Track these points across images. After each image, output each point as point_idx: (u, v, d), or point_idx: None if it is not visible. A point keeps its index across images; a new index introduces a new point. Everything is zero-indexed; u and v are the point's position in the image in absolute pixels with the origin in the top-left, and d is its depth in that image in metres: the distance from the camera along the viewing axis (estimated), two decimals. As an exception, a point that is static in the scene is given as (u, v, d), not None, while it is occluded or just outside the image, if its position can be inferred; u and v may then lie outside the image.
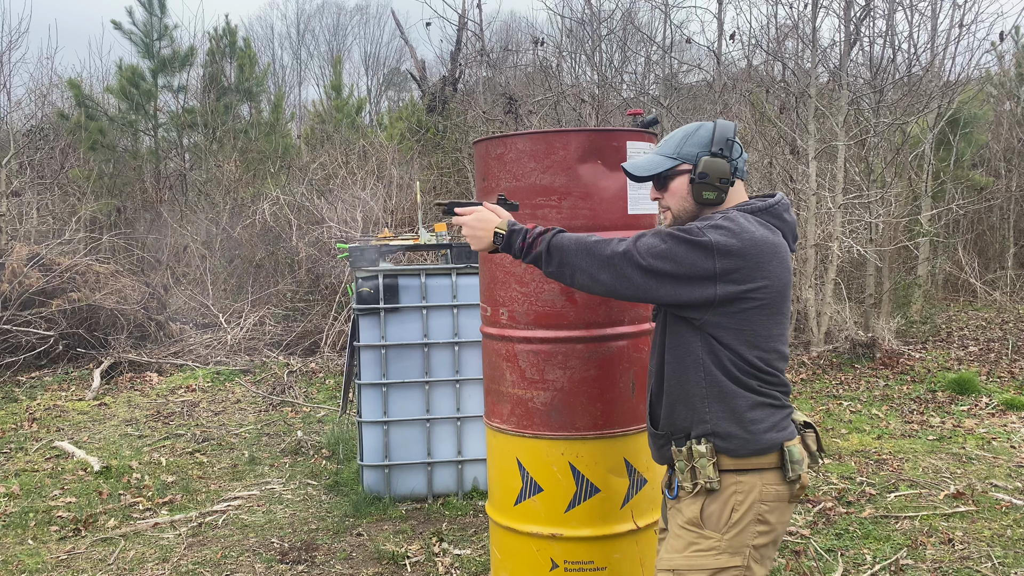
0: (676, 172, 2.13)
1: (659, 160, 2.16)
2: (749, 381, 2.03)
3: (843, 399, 6.79)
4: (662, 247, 1.99)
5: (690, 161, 2.11)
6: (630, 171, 2.19)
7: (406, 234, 5.44)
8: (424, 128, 12.28)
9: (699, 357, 2.04)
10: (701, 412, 2.04)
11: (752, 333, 2.01)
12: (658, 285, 2.00)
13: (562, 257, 2.08)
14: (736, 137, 2.12)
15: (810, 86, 8.36)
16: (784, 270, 2.04)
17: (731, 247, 1.96)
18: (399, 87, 25.83)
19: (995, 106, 13.43)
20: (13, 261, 8.24)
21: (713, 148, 2.08)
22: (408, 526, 4.31)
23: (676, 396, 2.09)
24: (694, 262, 1.96)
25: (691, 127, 2.15)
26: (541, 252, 2.11)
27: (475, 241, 2.22)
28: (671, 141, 2.16)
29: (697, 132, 2.13)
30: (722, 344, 2.02)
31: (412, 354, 4.64)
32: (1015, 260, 12.30)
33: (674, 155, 2.13)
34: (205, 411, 6.80)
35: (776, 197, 2.13)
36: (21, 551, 4.08)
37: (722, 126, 2.10)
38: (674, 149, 2.14)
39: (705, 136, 2.11)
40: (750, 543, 2.02)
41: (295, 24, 32.94)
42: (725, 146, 2.08)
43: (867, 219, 8.65)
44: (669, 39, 11.69)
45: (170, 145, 12.97)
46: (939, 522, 4.18)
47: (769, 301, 2.01)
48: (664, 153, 2.16)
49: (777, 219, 2.09)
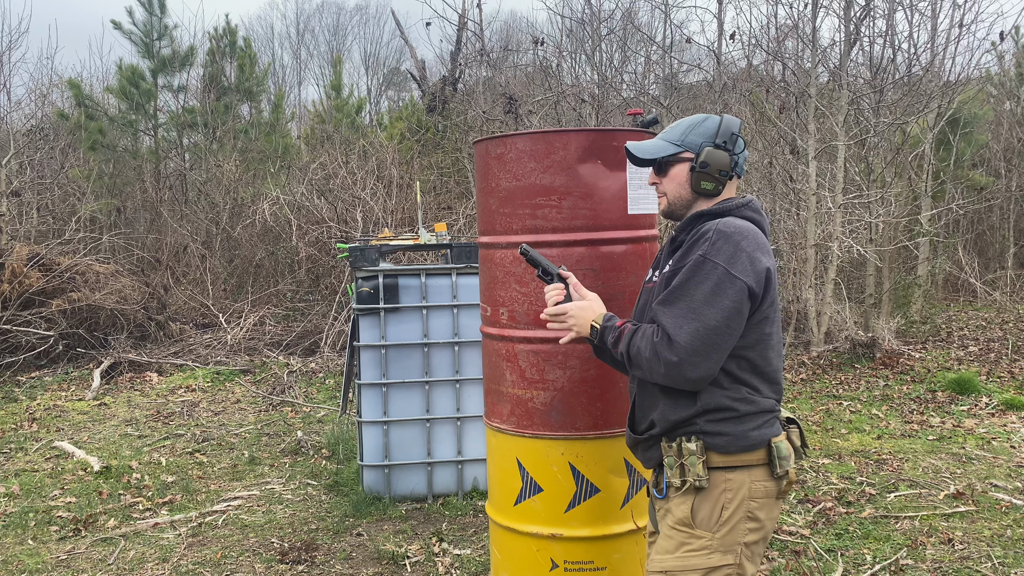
0: (678, 159, 2.14)
1: (663, 145, 2.17)
2: (738, 377, 2.03)
3: (843, 399, 6.79)
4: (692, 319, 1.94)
5: (693, 150, 2.12)
6: (633, 152, 2.20)
7: (406, 234, 5.44)
8: (424, 128, 12.27)
9: None
10: (690, 409, 2.04)
11: (744, 331, 2.02)
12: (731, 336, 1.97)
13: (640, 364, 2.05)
14: (741, 134, 2.13)
15: (810, 86, 8.36)
16: (772, 263, 2.06)
17: (760, 278, 1.96)
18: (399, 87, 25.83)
19: (995, 106, 13.43)
20: (13, 261, 8.24)
21: (717, 140, 2.10)
22: (408, 526, 4.31)
23: (664, 394, 2.08)
24: (724, 299, 1.93)
25: (698, 117, 2.17)
26: (623, 353, 2.09)
27: (575, 329, 2.21)
28: (677, 128, 2.18)
29: (704, 123, 2.14)
30: None
31: (412, 354, 4.64)
32: (1015, 260, 12.30)
33: (678, 142, 2.14)
34: (205, 411, 6.80)
35: (748, 199, 2.15)
36: (21, 551, 4.08)
37: (728, 120, 2.12)
38: (679, 136, 2.15)
39: (711, 127, 2.12)
40: (741, 540, 2.02)
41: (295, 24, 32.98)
42: (729, 140, 2.10)
43: (867, 219, 8.65)
44: (669, 39, 11.70)
45: (170, 145, 12.96)
46: (939, 522, 4.18)
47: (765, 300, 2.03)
48: (668, 139, 2.17)
49: (756, 213, 2.12)
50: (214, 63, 13.03)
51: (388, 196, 10.03)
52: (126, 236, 11.11)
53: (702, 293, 1.94)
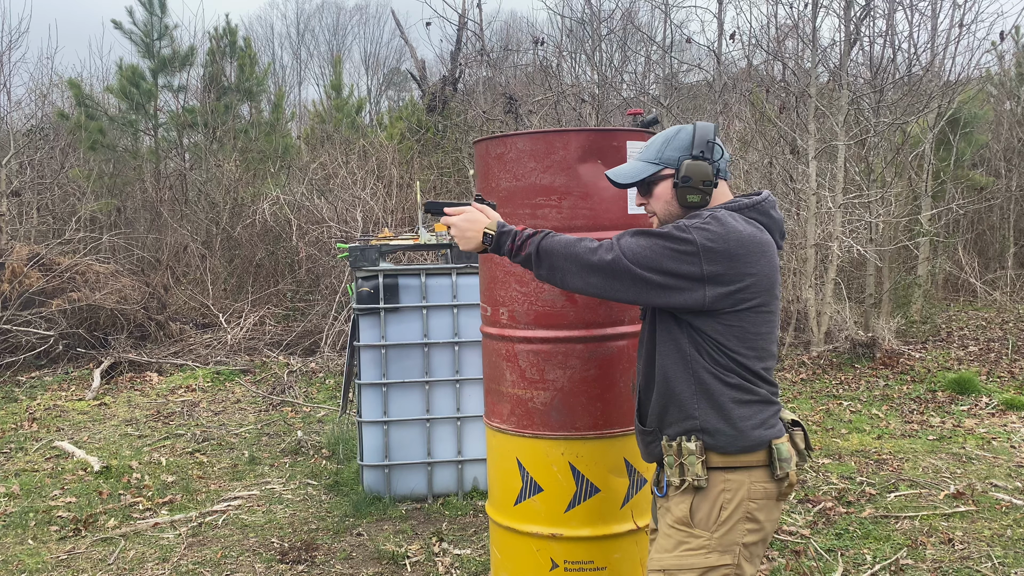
0: (659, 177, 2.14)
1: (641, 167, 2.16)
2: (738, 378, 2.03)
3: (843, 399, 6.78)
4: (649, 251, 1.98)
5: (672, 165, 2.11)
6: (613, 178, 2.20)
7: (406, 234, 5.44)
8: (424, 128, 12.27)
9: (688, 354, 2.05)
10: (690, 409, 2.04)
11: (741, 330, 2.01)
12: (647, 290, 2.00)
13: (552, 261, 2.07)
14: (717, 138, 2.12)
15: (810, 86, 8.36)
16: (772, 268, 2.04)
17: (717, 248, 1.96)
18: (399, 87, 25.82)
19: (995, 106, 13.42)
20: (13, 261, 8.25)
21: (694, 151, 2.08)
22: (408, 526, 4.31)
23: (665, 393, 2.09)
24: (680, 266, 1.96)
25: (671, 131, 2.15)
26: (531, 254, 2.10)
27: (464, 242, 2.21)
28: (652, 147, 2.17)
29: (677, 136, 2.13)
30: (711, 341, 2.02)
31: (412, 354, 4.64)
32: (1015, 260, 12.29)
33: (656, 160, 2.13)
34: (205, 411, 6.80)
35: (762, 195, 2.13)
36: (21, 551, 4.08)
37: (701, 128, 2.10)
38: (655, 154, 2.14)
39: (685, 139, 2.11)
40: (740, 541, 2.02)
41: (295, 24, 32.96)
42: (706, 148, 2.08)
43: (867, 219, 8.65)
44: (669, 39, 11.70)
45: (170, 145, 12.96)
46: (939, 522, 4.18)
47: (758, 299, 2.01)
48: (646, 159, 2.16)
49: (764, 216, 2.09)
50: (214, 63, 13.02)
51: (388, 196, 10.04)
52: (126, 236, 11.11)
53: (671, 245, 1.98)
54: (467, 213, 2.22)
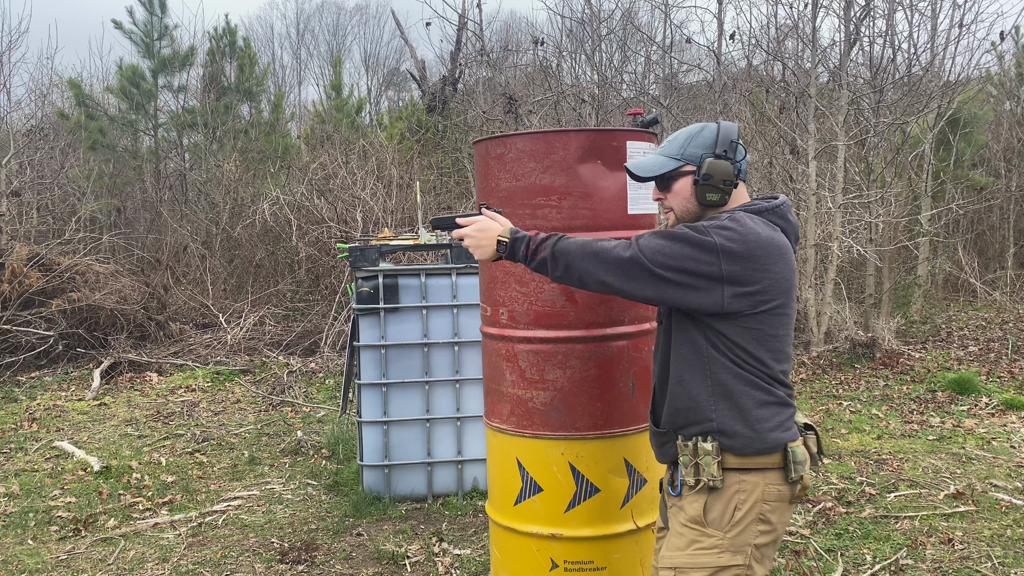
0: (680, 173, 2.13)
1: (663, 161, 2.15)
2: (756, 380, 2.03)
3: (843, 399, 6.79)
4: (668, 251, 1.99)
5: (694, 162, 2.10)
6: (633, 171, 2.18)
7: (406, 234, 5.44)
8: (424, 128, 12.27)
9: (706, 355, 2.05)
10: (707, 410, 2.04)
11: (759, 332, 2.01)
12: (665, 289, 2.00)
13: (568, 262, 2.08)
14: (739, 138, 2.12)
15: (810, 86, 8.36)
16: (789, 271, 2.04)
17: (736, 249, 1.96)
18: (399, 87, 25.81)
19: (995, 106, 13.43)
20: (13, 261, 8.24)
21: (717, 150, 2.08)
22: (408, 526, 4.31)
23: (681, 393, 2.09)
24: (699, 266, 1.96)
25: (695, 128, 2.14)
26: (546, 258, 2.11)
27: (478, 251, 2.22)
28: (675, 142, 2.16)
29: (701, 133, 2.12)
30: (730, 342, 2.02)
31: (412, 354, 4.64)
32: (1015, 260, 12.29)
33: (678, 156, 2.12)
34: (205, 411, 6.80)
35: (780, 199, 2.13)
36: (21, 551, 4.08)
37: (726, 128, 2.10)
38: (678, 150, 2.13)
39: (709, 137, 2.10)
40: (752, 542, 2.02)
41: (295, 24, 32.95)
42: (729, 148, 2.08)
43: (867, 219, 8.65)
44: (669, 39, 11.70)
45: (170, 145, 12.96)
46: (939, 522, 4.18)
47: (776, 301, 2.01)
48: (668, 154, 2.15)
49: (782, 220, 2.10)
50: (214, 63, 13.02)
51: (388, 196, 10.03)
52: (126, 236, 11.11)
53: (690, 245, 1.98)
54: (479, 222, 2.23)
